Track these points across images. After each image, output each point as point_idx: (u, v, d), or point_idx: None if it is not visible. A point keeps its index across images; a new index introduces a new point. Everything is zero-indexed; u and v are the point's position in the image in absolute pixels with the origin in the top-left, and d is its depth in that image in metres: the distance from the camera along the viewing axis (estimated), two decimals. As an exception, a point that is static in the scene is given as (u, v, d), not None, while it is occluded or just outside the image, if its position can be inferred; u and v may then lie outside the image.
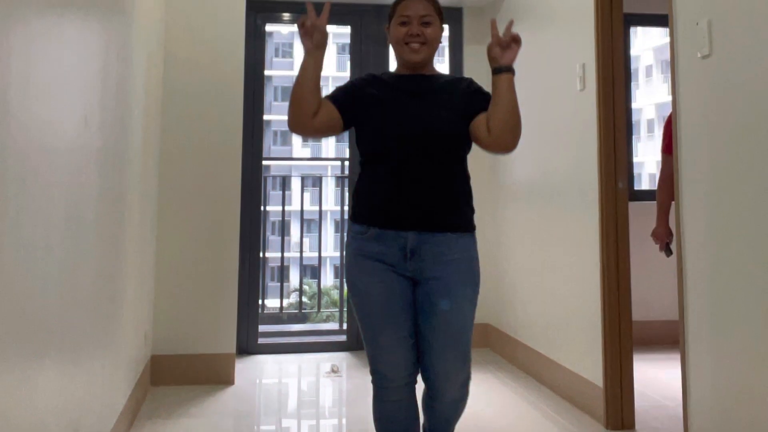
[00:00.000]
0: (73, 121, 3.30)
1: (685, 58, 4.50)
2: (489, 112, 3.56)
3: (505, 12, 7.82)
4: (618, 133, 5.58)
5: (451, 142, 3.63)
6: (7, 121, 2.36)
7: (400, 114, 3.62)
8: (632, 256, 5.70)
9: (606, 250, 5.53)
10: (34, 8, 2.64)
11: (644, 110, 39.64)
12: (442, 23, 3.82)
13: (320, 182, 10.04)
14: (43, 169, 2.81)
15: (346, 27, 8.48)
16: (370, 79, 3.81)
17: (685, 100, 4.52)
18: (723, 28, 4.13)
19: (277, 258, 9.84)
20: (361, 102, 3.69)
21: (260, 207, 7.93)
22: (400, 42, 3.70)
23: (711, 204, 4.25)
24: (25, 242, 2.60)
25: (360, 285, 3.63)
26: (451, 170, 3.64)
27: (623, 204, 5.55)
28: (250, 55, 7.71)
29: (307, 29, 3.56)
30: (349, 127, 3.75)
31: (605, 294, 5.52)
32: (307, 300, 26.94)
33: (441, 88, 3.74)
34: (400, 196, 3.56)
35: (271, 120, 40.58)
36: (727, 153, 4.09)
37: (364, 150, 3.72)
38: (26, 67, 2.55)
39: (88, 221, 3.65)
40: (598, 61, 5.66)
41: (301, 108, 3.56)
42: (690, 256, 4.46)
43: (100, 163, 3.88)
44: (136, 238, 5.26)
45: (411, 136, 3.56)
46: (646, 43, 37.91)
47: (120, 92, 4.49)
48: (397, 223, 3.55)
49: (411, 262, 3.55)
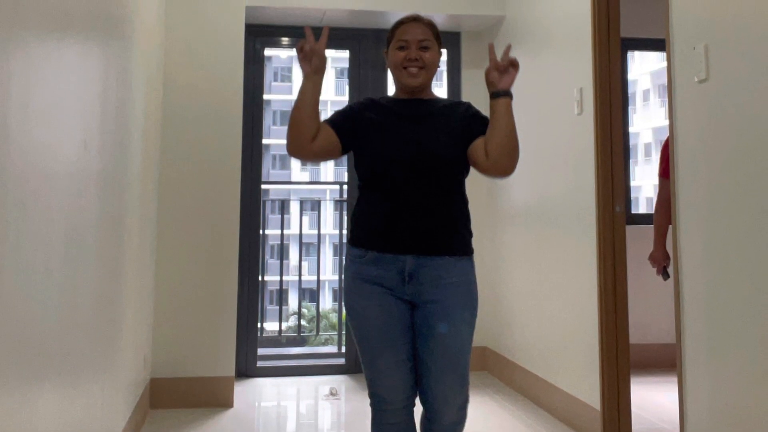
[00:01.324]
0: (73, 145, 3.31)
1: (682, 83, 4.53)
2: (487, 137, 3.57)
3: (503, 36, 7.85)
4: (615, 157, 5.60)
5: (449, 167, 3.63)
6: (7, 145, 2.37)
7: (398, 138, 3.62)
8: (629, 280, 5.70)
9: (603, 273, 5.54)
10: (34, 33, 2.65)
11: (641, 134, 39.72)
12: (440, 48, 3.83)
13: (319, 206, 10.05)
14: (43, 193, 2.82)
15: (345, 51, 8.50)
16: (369, 104, 3.81)
17: (682, 124, 4.54)
18: (720, 52, 4.15)
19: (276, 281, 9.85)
20: (359, 126, 3.70)
21: (259, 230, 7.93)
22: (399, 66, 3.72)
23: (708, 228, 4.26)
24: (25, 266, 2.61)
25: (358, 308, 3.62)
26: (450, 194, 3.64)
27: (620, 228, 5.56)
28: (249, 80, 7.75)
29: (306, 54, 3.61)
30: (347, 151, 3.76)
31: (603, 317, 5.52)
32: (306, 323, 26.93)
33: (439, 112, 3.74)
34: (398, 219, 3.56)
35: (270, 144, 40.66)
36: (724, 177, 4.10)
37: (362, 174, 3.73)
38: (26, 92, 2.57)
39: (88, 245, 3.66)
40: (596, 85, 5.68)
41: (300, 132, 3.58)
42: (687, 280, 4.47)
43: (99, 187, 3.89)
44: (135, 261, 5.27)
45: (409, 160, 3.56)
46: (644, 67, 38.00)
47: (120, 116, 4.51)
48: (395, 246, 3.55)
49: (409, 285, 3.55)
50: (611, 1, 5.73)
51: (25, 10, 2.54)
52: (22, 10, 2.50)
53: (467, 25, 8.23)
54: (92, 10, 3.66)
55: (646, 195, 38.19)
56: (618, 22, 5.73)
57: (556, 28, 6.52)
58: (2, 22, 2.29)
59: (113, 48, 4.27)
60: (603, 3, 5.72)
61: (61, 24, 3.05)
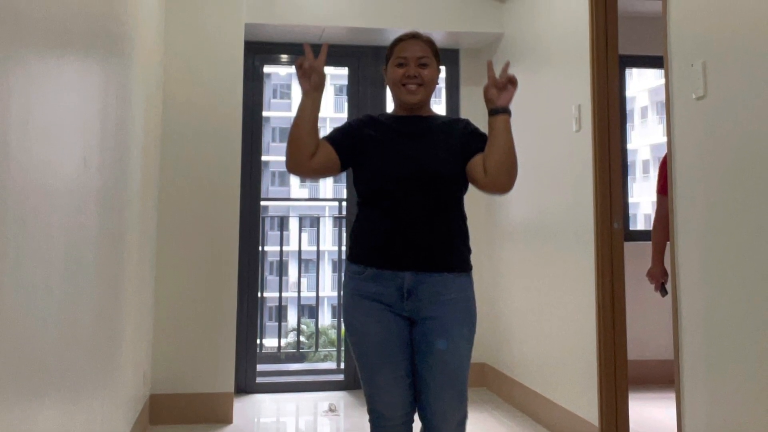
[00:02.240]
0: (73, 162, 3.32)
1: (680, 100, 4.54)
2: (485, 153, 3.57)
3: (502, 53, 7.87)
4: (613, 174, 5.61)
5: (448, 183, 3.64)
6: (7, 161, 2.38)
7: (397, 155, 3.64)
8: (628, 296, 5.71)
9: (602, 289, 5.55)
10: (34, 50, 2.67)
11: (639, 151, 39.73)
12: (439, 65, 3.84)
13: (318, 222, 10.05)
14: (42, 210, 2.83)
15: (344, 68, 8.52)
16: (368, 121, 3.83)
17: (680, 141, 4.56)
18: (718, 69, 4.17)
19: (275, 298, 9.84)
20: (359, 143, 3.71)
21: (258, 247, 7.94)
22: (398, 83, 3.72)
23: (706, 244, 4.27)
24: (25, 282, 2.62)
25: (357, 325, 3.63)
26: (448, 211, 3.65)
27: (619, 244, 5.58)
28: (249, 97, 7.76)
29: (305, 70, 3.62)
30: (346, 168, 3.76)
31: (601, 333, 5.53)
32: (305, 339, 26.88)
33: (438, 129, 3.75)
34: (397, 236, 3.57)
35: (269, 161, 40.64)
36: (722, 193, 4.12)
37: (361, 190, 3.74)
38: (26, 109, 2.58)
39: (88, 261, 3.67)
40: (594, 102, 5.70)
41: (299, 149, 3.58)
42: (685, 296, 4.48)
43: (99, 204, 3.90)
44: (135, 277, 5.28)
45: (408, 177, 3.58)
46: (642, 84, 38.04)
47: (119, 133, 4.52)
48: (394, 263, 3.56)
49: (408, 302, 3.56)
50: (609, 19, 5.75)
51: (26, 27, 2.55)
52: (23, 27, 2.51)
53: (466, 42, 8.26)
54: (92, 28, 3.68)
55: (644, 212, 38.19)
56: (616, 40, 5.75)
57: (555, 46, 6.54)
58: (2, 39, 2.30)
59: (113, 65, 4.28)
60: (601, 20, 5.74)
61: (61, 41, 3.07)
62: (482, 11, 7.94)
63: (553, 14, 6.63)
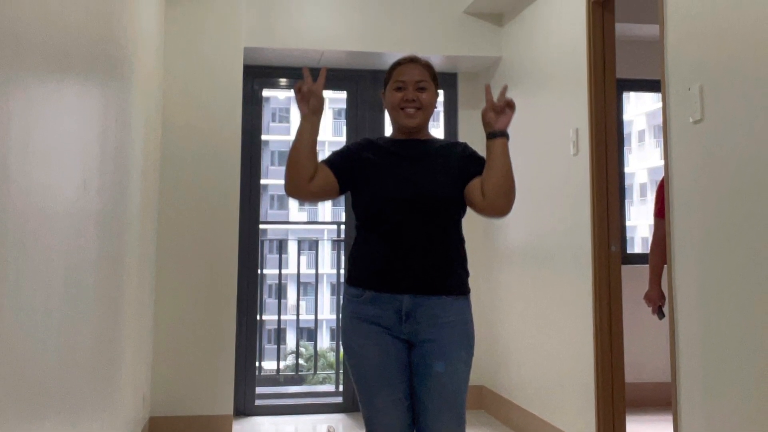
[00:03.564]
0: (72, 185, 3.34)
1: (678, 123, 4.56)
2: (483, 177, 3.58)
3: (500, 77, 7.90)
4: (611, 197, 5.63)
5: (446, 206, 3.65)
6: (7, 185, 2.39)
7: (396, 178, 3.65)
8: (625, 319, 5.72)
9: (599, 312, 5.56)
10: (34, 74, 2.69)
11: (637, 174, 39.78)
12: (437, 88, 3.84)
13: (317, 246, 10.05)
14: (42, 233, 2.84)
15: (343, 92, 8.54)
16: (366, 144, 3.83)
17: (677, 164, 4.58)
18: (715, 93, 4.20)
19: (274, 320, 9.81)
20: (357, 166, 3.72)
21: (257, 270, 7.94)
22: (396, 107, 3.72)
23: (703, 268, 4.29)
24: (25, 305, 2.63)
25: (356, 347, 3.63)
26: (446, 234, 3.65)
27: (616, 267, 5.59)
28: (247, 120, 7.77)
29: (304, 94, 3.62)
30: (345, 191, 3.77)
31: (598, 356, 5.54)
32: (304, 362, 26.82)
33: (436, 152, 3.76)
34: (395, 259, 3.57)
35: (268, 184, 40.64)
36: (719, 217, 4.13)
37: (360, 213, 3.74)
38: (26, 132, 2.59)
39: (87, 284, 3.68)
40: (592, 126, 5.72)
41: (298, 172, 3.58)
42: (682, 319, 4.49)
43: (99, 227, 3.92)
44: (134, 300, 5.29)
45: (407, 200, 3.59)
46: (639, 108, 38.09)
47: (119, 156, 4.54)
48: (392, 286, 3.56)
49: (406, 324, 3.55)
50: (607, 42, 5.78)
51: (26, 52, 2.57)
52: (23, 51, 2.53)
53: (464, 66, 8.28)
54: (91, 52, 3.70)
55: (641, 235, 38.21)
56: (613, 63, 5.78)
57: (552, 69, 6.57)
58: (3, 63, 2.32)
59: (112, 88, 4.30)
60: (599, 44, 5.77)
61: (61, 65, 3.09)
62: (480, 35, 7.97)
63: (550, 38, 6.66)
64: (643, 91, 9.12)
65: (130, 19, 4.83)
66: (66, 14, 3.17)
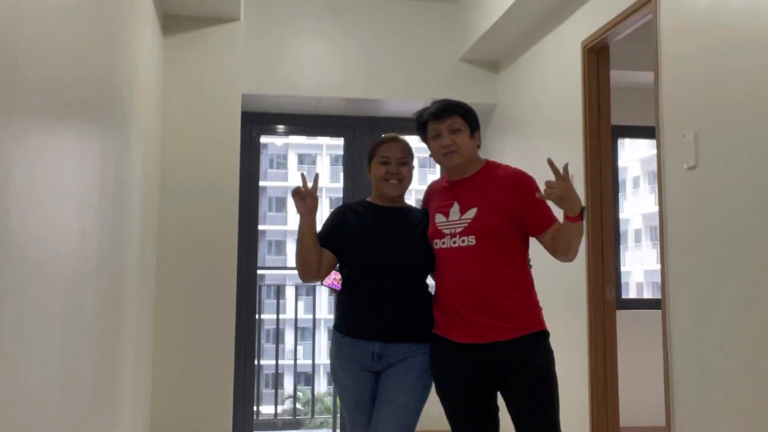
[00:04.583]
0: (72, 231, 3.37)
1: (672, 169, 4.61)
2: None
3: (496, 124, 7.95)
4: (606, 243, 5.67)
5: (415, 272, 4.23)
6: (7, 230, 2.43)
7: (373, 248, 4.19)
8: (620, 363, 5.73)
9: (594, 357, 5.58)
10: (34, 122, 2.72)
11: (632, 220, 39.73)
12: (412, 163, 4.37)
13: (314, 291, 10.08)
14: (41, 278, 2.86)
15: (340, 139, 8.60)
16: (346, 212, 4.38)
17: (671, 210, 4.62)
18: (709, 140, 4.24)
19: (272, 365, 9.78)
20: (343, 237, 4.25)
21: (255, 315, 7.97)
22: (381, 179, 4.26)
23: (698, 312, 4.32)
24: (25, 352, 2.65)
25: (340, 378, 4.27)
26: (415, 291, 4.23)
27: (611, 313, 5.62)
28: (245, 166, 7.81)
29: (302, 195, 4.09)
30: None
31: (593, 400, 5.55)
32: (301, 407, 26.70)
33: (413, 223, 4.29)
34: (370, 313, 4.16)
35: (266, 230, 40.60)
36: (713, 262, 4.17)
37: (344, 271, 4.35)
38: (26, 179, 2.62)
39: (86, 328, 3.70)
40: (587, 172, 5.76)
41: (309, 266, 4.18)
42: (677, 363, 4.51)
43: (97, 272, 3.94)
44: (132, 345, 5.29)
45: (382, 268, 4.16)
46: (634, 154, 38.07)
47: (118, 202, 4.57)
48: (367, 335, 4.14)
49: (377, 362, 4.12)
50: (602, 89, 5.84)
51: (26, 100, 2.61)
52: (23, 100, 2.57)
53: (460, 111, 8.33)
54: (91, 100, 3.74)
55: (636, 280, 38.19)
56: (608, 110, 5.84)
57: (548, 116, 6.63)
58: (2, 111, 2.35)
59: (112, 136, 4.34)
60: (594, 91, 5.83)
61: (61, 114, 3.13)
62: (476, 82, 8.04)
63: (546, 85, 6.72)
64: (638, 138, 9.18)
65: (129, 67, 4.87)
66: (66, 63, 3.21)
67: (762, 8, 3.82)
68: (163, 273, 6.70)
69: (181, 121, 6.92)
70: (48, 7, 2.90)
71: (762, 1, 3.82)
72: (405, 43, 8.05)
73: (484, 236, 3.91)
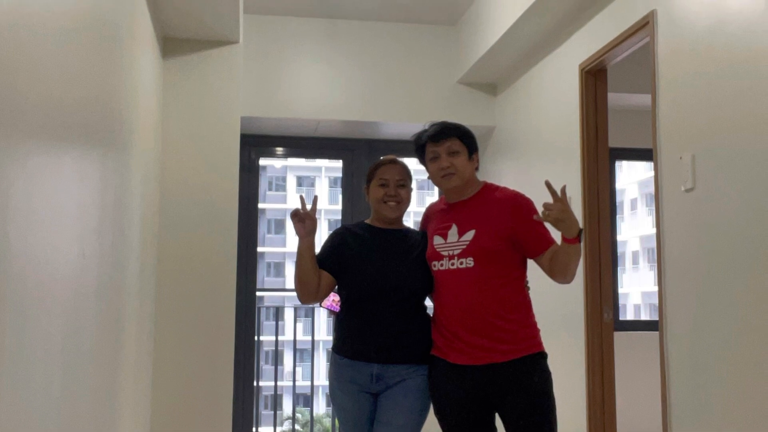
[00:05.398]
0: (72, 253, 3.38)
1: (669, 192, 4.62)
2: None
3: (493, 146, 7.97)
4: (603, 265, 5.68)
5: (413, 294, 4.25)
6: (7, 253, 2.44)
7: (372, 271, 4.22)
8: (618, 386, 5.74)
9: (592, 378, 5.58)
10: (33, 144, 2.73)
11: (629, 242, 39.75)
12: (411, 185, 4.39)
13: (313, 313, 10.09)
14: (41, 300, 2.87)
15: (338, 161, 8.63)
16: (345, 234, 4.41)
17: (669, 232, 4.63)
18: (706, 162, 4.26)
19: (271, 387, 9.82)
20: (342, 259, 4.27)
21: (254, 337, 7.98)
22: (380, 201, 4.28)
23: (695, 335, 4.32)
24: (24, 372, 2.66)
25: (338, 399, 4.28)
26: (411, 314, 4.25)
27: (609, 335, 5.62)
28: (244, 188, 7.82)
29: (300, 217, 4.12)
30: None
31: (591, 421, 5.55)
32: (300, 428, 26.67)
33: (411, 245, 4.31)
34: (367, 336, 4.19)
35: (265, 252, 40.58)
36: (710, 285, 4.18)
37: (342, 294, 4.37)
38: (26, 201, 2.63)
39: (86, 350, 3.70)
40: (584, 194, 5.78)
41: (308, 288, 4.20)
42: (675, 386, 4.52)
43: (97, 294, 3.95)
44: (132, 368, 5.29)
45: (381, 290, 4.19)
46: (631, 176, 38.11)
47: (117, 224, 4.57)
48: (365, 356, 4.15)
49: (375, 384, 4.14)
50: (599, 112, 5.86)
51: (25, 123, 2.62)
52: (23, 123, 2.58)
53: (459, 134, 8.34)
54: (91, 122, 3.75)
55: (633, 302, 38.24)
56: (606, 133, 5.86)
57: (546, 139, 6.65)
58: (2, 134, 2.37)
59: (111, 158, 4.35)
60: (591, 113, 5.85)
61: (60, 136, 3.14)
62: (474, 105, 8.07)
63: (544, 108, 6.75)
64: (636, 160, 9.18)
65: (129, 90, 4.89)
66: (66, 86, 3.23)
67: (759, 31, 3.84)
68: (162, 295, 6.70)
69: (181, 143, 6.93)
70: (48, 30, 2.92)
71: (759, 24, 3.84)
72: (403, 66, 8.09)
73: (482, 258, 3.92)
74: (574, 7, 5.98)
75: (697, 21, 4.41)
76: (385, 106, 7.94)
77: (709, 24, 4.28)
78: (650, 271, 35.26)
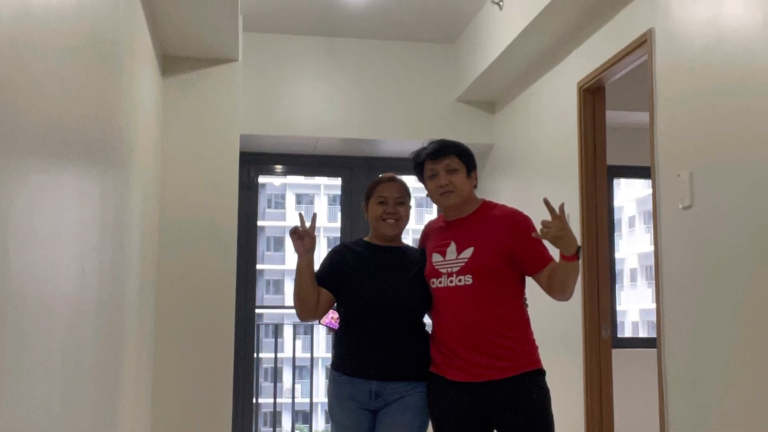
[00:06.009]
0: (71, 271, 3.39)
1: (667, 209, 4.63)
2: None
3: (492, 164, 7.98)
4: (602, 282, 5.68)
5: (415, 310, 4.27)
6: (7, 270, 2.44)
7: (371, 288, 4.22)
8: (616, 403, 5.74)
9: (590, 395, 5.58)
10: (32, 160, 2.74)
11: (627, 259, 39.74)
12: (409, 203, 4.38)
13: (312, 330, 10.09)
14: (40, 317, 2.87)
15: (337, 179, 8.64)
16: (344, 251, 4.42)
17: (667, 249, 4.64)
18: (704, 180, 4.27)
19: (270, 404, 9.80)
20: (341, 276, 4.27)
21: (253, 354, 7.98)
22: (378, 218, 4.27)
23: (693, 352, 4.33)
24: (23, 389, 2.67)
25: (337, 416, 4.27)
26: (410, 331, 4.26)
27: (607, 353, 5.62)
28: (244, 206, 7.83)
29: (299, 235, 4.12)
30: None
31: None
32: (299, 444, 26.67)
33: (407, 261, 4.32)
34: (366, 353, 4.18)
35: (264, 269, 40.57)
36: (708, 302, 4.19)
37: (341, 311, 4.36)
38: (26, 219, 2.64)
39: (85, 367, 3.71)
40: (583, 212, 5.78)
41: (307, 305, 4.20)
42: (673, 403, 4.52)
43: (97, 311, 3.95)
44: (132, 384, 5.28)
45: (380, 308, 4.19)
46: (629, 193, 38.11)
47: (116, 242, 4.58)
48: (364, 373, 4.15)
49: (374, 401, 4.14)
50: (598, 130, 5.87)
51: (25, 141, 2.63)
52: (23, 140, 2.59)
53: (457, 152, 8.35)
54: (90, 140, 3.76)
55: (631, 319, 38.23)
56: (604, 150, 5.87)
57: (544, 156, 6.66)
58: (2, 151, 2.38)
59: (111, 176, 4.36)
60: (589, 132, 5.86)
61: (60, 153, 3.15)
62: (472, 122, 8.09)
63: (542, 126, 6.76)
64: (634, 178, 9.20)
65: (129, 108, 4.90)
66: (66, 104, 3.24)
67: (756, 49, 3.86)
68: (162, 312, 6.70)
69: (180, 161, 6.94)
70: (48, 49, 2.93)
71: (756, 43, 3.86)
72: (402, 83, 8.11)
73: (480, 275, 3.93)
74: (573, 26, 6.00)
75: (694, 39, 4.43)
76: (384, 123, 7.96)
77: (707, 42, 4.29)
78: (648, 288, 35.25)
